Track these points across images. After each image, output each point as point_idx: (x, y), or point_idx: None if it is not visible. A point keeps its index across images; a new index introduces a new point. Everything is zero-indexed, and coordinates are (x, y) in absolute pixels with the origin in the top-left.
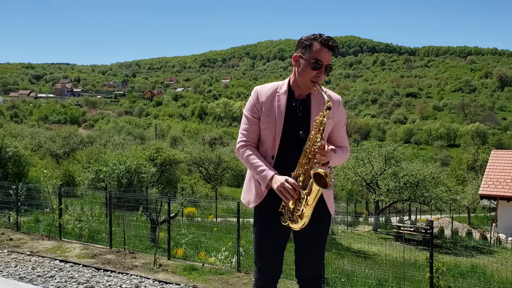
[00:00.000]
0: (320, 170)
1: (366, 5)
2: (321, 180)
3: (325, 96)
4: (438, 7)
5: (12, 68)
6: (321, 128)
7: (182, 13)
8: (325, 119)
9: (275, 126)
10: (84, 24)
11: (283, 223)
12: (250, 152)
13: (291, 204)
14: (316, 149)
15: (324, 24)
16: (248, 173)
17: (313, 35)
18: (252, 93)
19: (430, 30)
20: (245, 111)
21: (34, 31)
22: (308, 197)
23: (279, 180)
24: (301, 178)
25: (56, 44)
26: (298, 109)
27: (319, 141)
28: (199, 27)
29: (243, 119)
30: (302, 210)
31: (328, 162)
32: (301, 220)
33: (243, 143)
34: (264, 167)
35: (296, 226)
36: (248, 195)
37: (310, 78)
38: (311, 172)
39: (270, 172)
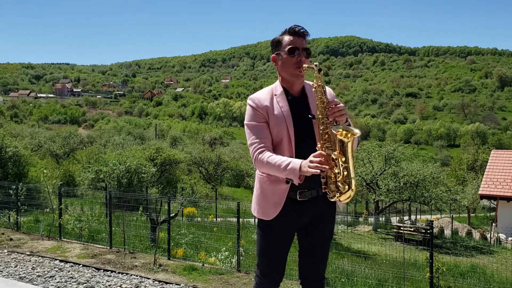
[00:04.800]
0: (340, 128)
1: (366, 5)
2: (346, 135)
3: (312, 65)
4: (438, 7)
5: (12, 68)
6: (322, 91)
7: (183, 13)
8: (320, 82)
9: (286, 126)
10: (84, 24)
11: (331, 200)
12: (270, 154)
13: (332, 175)
14: (328, 111)
15: (324, 24)
16: (258, 184)
17: (282, 32)
18: (250, 102)
19: (430, 30)
20: (248, 122)
21: (34, 31)
22: (343, 157)
23: (306, 162)
24: (327, 145)
25: (56, 44)
26: (299, 107)
27: (327, 103)
28: (199, 27)
29: (248, 130)
30: (343, 172)
31: (347, 120)
32: (347, 186)
33: (260, 149)
34: (288, 161)
35: (343, 197)
36: (264, 207)
37: (293, 66)
38: (332, 130)
39: (296, 162)
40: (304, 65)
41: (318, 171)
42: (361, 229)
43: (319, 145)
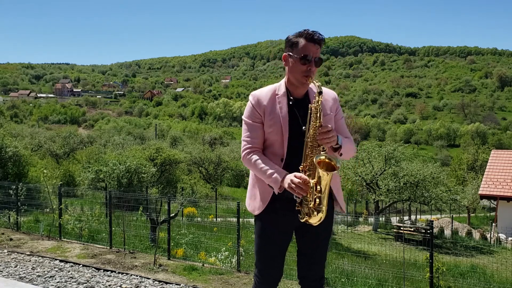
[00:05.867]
0: (322, 157)
1: (366, 5)
2: (328, 166)
3: (315, 83)
4: (438, 7)
5: (12, 68)
6: (318, 114)
7: (183, 13)
8: (319, 105)
9: (281, 128)
10: (84, 24)
11: (300, 220)
12: (257, 157)
13: (306, 200)
14: (317, 135)
15: (325, 24)
16: (251, 180)
17: (299, 32)
18: (251, 98)
19: (430, 30)
20: (245, 118)
21: (34, 31)
22: (319, 186)
23: (288, 178)
24: (309, 170)
25: (56, 44)
26: (299, 109)
27: (319, 127)
28: (199, 27)
29: (244, 126)
30: (315, 201)
31: (339, 148)
32: (317, 213)
33: (249, 149)
34: (273, 170)
35: (313, 221)
36: (253, 202)
37: (302, 74)
38: (314, 160)
39: (280, 174)
40: (311, 77)
41: (296, 193)
42: (361, 229)
43: (301, 166)
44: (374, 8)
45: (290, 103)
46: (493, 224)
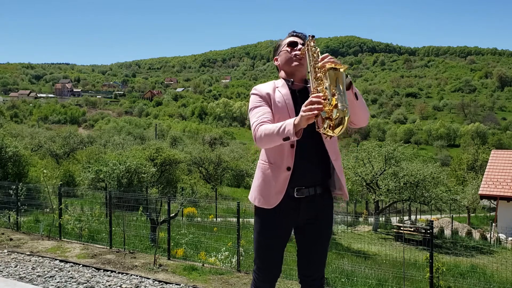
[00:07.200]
0: (329, 65)
1: (366, 5)
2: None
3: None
4: (438, 7)
5: (12, 68)
6: (315, 54)
7: (183, 13)
8: (311, 43)
9: (288, 113)
10: (84, 24)
11: (322, 131)
12: (267, 124)
13: (326, 112)
14: (319, 64)
15: (325, 24)
16: (259, 173)
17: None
18: (253, 91)
19: (430, 30)
20: (251, 107)
21: (34, 31)
22: (333, 86)
23: (300, 113)
24: (319, 88)
25: (56, 44)
26: (300, 95)
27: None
28: (199, 27)
29: (252, 113)
30: (335, 100)
31: (351, 84)
32: (342, 117)
33: (260, 123)
34: (283, 121)
35: (336, 131)
36: (265, 195)
37: (292, 58)
38: (324, 66)
39: (289, 120)
40: (302, 54)
41: (312, 113)
42: (361, 229)
43: (312, 90)
44: (374, 8)
45: (291, 87)
46: (493, 224)
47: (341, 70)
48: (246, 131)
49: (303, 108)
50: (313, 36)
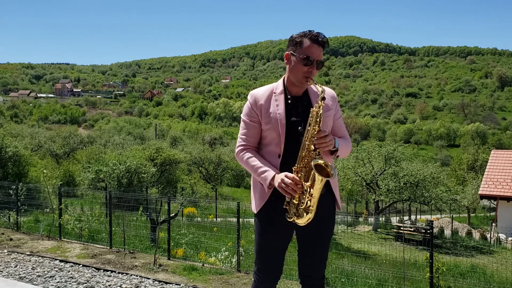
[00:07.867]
0: (320, 161)
1: (366, 5)
2: (323, 171)
3: (318, 87)
4: (438, 7)
5: (12, 68)
6: (318, 119)
7: (183, 13)
8: (321, 110)
9: (278, 126)
10: (84, 24)
11: (288, 219)
12: (250, 155)
13: (295, 200)
14: (315, 140)
15: (324, 24)
16: (253, 182)
17: (303, 32)
18: (249, 97)
19: (430, 30)
20: (243, 116)
21: (34, 31)
22: (312, 189)
23: (279, 177)
24: (302, 172)
25: (56, 44)
26: (297, 107)
27: (317, 132)
28: (199, 27)
29: (242, 124)
30: (307, 203)
31: (336, 151)
32: (306, 214)
33: (242, 147)
34: (264, 168)
35: (301, 221)
36: (254, 201)
37: (302, 74)
38: (312, 163)
39: (271, 172)
40: (311, 79)
41: (286, 193)
42: (361, 229)
43: (295, 167)
44: (374, 8)
45: (289, 101)
46: (493, 224)
47: (322, 183)
48: None
49: (283, 179)
50: (323, 98)
